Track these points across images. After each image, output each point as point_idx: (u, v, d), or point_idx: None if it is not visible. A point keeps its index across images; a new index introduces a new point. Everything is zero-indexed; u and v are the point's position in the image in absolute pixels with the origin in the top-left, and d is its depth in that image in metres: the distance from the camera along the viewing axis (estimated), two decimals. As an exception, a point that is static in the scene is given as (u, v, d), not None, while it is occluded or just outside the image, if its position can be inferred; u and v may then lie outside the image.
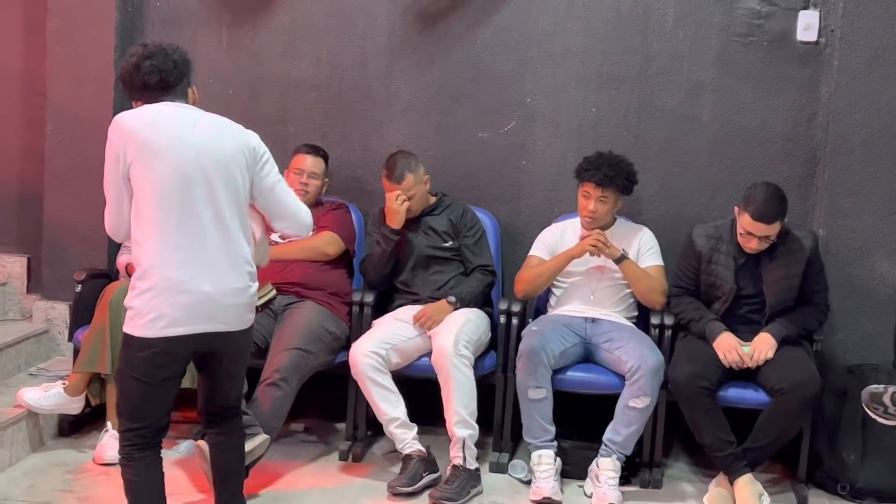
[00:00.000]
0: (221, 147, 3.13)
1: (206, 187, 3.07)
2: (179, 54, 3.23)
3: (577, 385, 4.28)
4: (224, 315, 3.13)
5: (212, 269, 3.08)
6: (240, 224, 3.16)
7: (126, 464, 3.14)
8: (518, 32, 4.88)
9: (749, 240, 4.14)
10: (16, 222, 5.27)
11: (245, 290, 3.18)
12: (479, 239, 4.59)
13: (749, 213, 4.08)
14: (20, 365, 4.81)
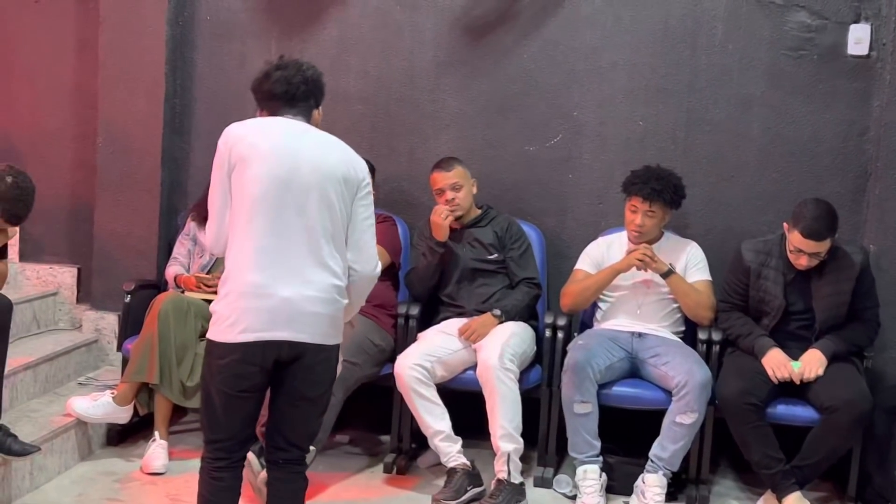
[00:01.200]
0: (325, 162, 3.05)
1: (301, 196, 2.98)
2: (313, 72, 3.20)
3: (624, 400, 4.25)
4: (303, 323, 2.97)
5: (295, 274, 2.95)
6: (333, 242, 3.03)
7: (205, 478, 3.07)
8: (565, 46, 4.88)
9: (799, 257, 4.09)
10: (67, 233, 5.34)
11: (330, 301, 3.01)
12: (525, 252, 4.59)
13: (799, 230, 4.04)
14: (70, 374, 4.86)
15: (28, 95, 5.31)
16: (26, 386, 4.47)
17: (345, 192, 3.07)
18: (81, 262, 5.31)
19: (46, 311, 5.18)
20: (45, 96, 5.30)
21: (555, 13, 4.87)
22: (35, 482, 4.01)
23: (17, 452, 3.80)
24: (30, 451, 3.85)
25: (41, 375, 4.61)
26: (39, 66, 5.29)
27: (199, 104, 5.14)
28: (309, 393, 3.06)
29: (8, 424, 3.84)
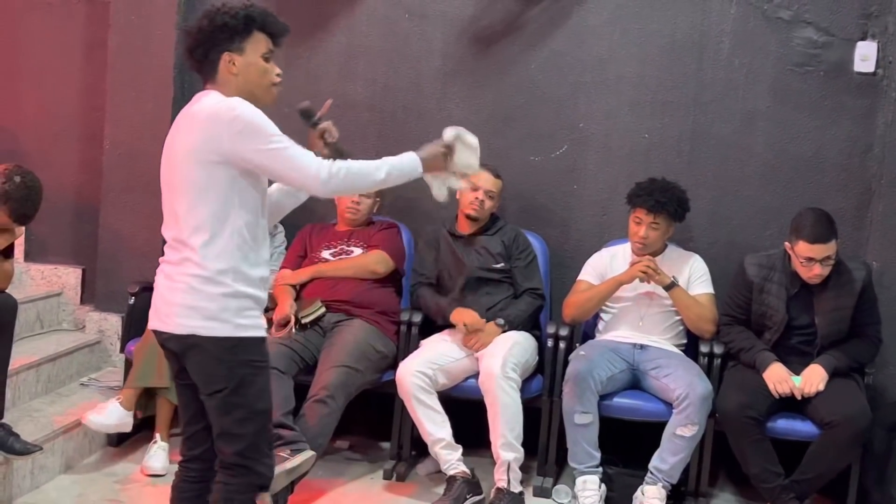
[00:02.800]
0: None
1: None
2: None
3: (624, 411, 4.26)
4: (160, 310, 2.85)
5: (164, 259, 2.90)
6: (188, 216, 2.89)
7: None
8: (572, 57, 4.90)
9: (811, 267, 4.08)
10: (72, 234, 5.34)
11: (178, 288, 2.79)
12: (531, 262, 4.60)
13: (804, 238, 4.05)
14: (72, 374, 4.87)
15: (36, 96, 5.33)
16: (29, 385, 4.48)
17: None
18: (86, 263, 5.31)
19: (50, 311, 5.19)
20: (53, 97, 5.31)
21: (562, 24, 4.89)
22: (36, 482, 4.02)
23: (18, 451, 3.81)
24: (31, 450, 3.86)
25: (44, 375, 4.62)
26: (48, 67, 5.30)
27: (206, 108, 5.13)
28: (201, 389, 2.84)
29: (10, 423, 3.85)
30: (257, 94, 2.85)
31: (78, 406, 4.47)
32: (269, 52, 2.87)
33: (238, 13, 2.83)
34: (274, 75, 2.89)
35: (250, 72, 2.84)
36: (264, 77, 2.86)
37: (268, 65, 2.87)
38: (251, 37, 2.83)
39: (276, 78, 2.89)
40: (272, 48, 2.88)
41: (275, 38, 2.89)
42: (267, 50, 2.86)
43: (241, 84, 2.83)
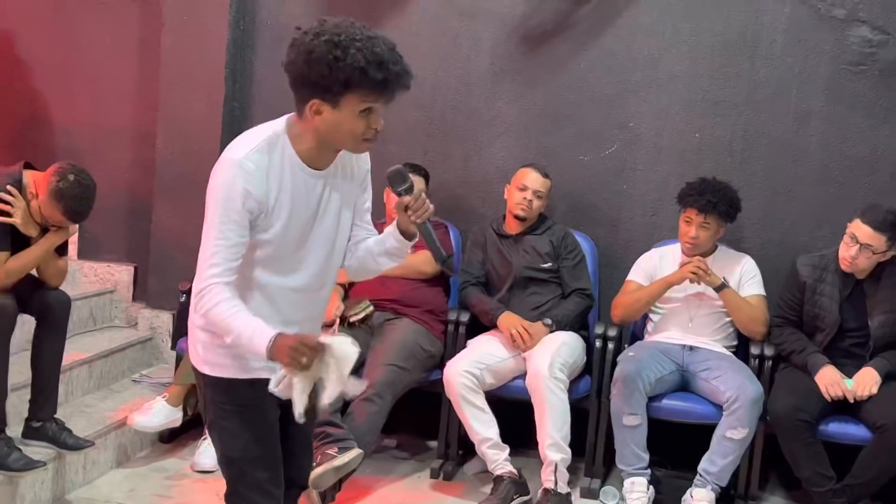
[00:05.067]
0: None
1: None
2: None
3: (673, 413, 4.23)
4: None
5: None
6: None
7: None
8: (623, 56, 4.87)
9: (850, 247, 4.04)
10: (125, 232, 5.41)
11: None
12: (579, 262, 4.58)
13: (859, 216, 4.04)
14: (124, 371, 4.94)
15: (90, 95, 5.39)
16: (81, 381, 4.55)
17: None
18: (138, 261, 5.38)
19: (103, 308, 5.25)
20: (107, 96, 5.37)
21: (612, 23, 4.86)
22: (88, 476, 4.08)
23: (71, 446, 3.87)
24: (83, 445, 3.91)
25: (96, 371, 4.68)
26: (102, 65, 5.37)
27: (256, 107, 5.18)
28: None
29: (63, 419, 3.91)
30: (346, 147, 2.50)
31: (129, 402, 4.54)
32: (370, 108, 2.39)
33: (339, 63, 2.32)
34: (370, 131, 2.42)
35: (336, 128, 2.40)
36: (353, 134, 2.41)
37: (364, 121, 2.40)
38: (352, 93, 2.35)
39: (370, 133, 2.42)
40: (378, 103, 2.39)
41: (387, 95, 2.40)
42: (367, 106, 2.38)
43: (322, 134, 2.43)
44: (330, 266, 2.62)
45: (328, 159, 2.52)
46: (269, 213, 2.44)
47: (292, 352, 2.34)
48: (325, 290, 2.66)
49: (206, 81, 5.09)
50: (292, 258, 2.53)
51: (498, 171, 4.88)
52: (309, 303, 2.61)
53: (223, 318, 2.43)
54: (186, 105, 5.10)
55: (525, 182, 4.55)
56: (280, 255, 2.51)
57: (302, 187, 2.48)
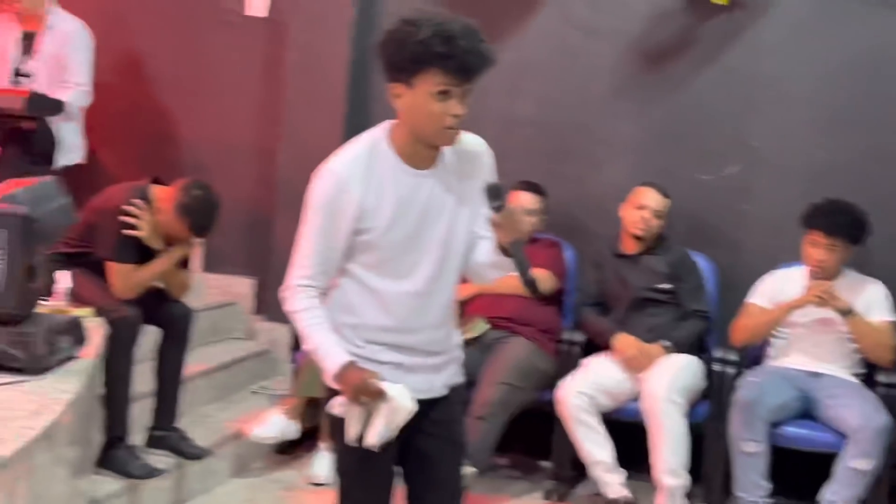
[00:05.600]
0: None
1: None
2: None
3: (795, 441, 4.12)
4: None
5: None
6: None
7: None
8: (746, 74, 4.77)
9: None
10: (247, 246, 5.49)
11: None
12: (698, 284, 4.51)
13: None
14: (243, 382, 5.03)
15: (217, 111, 5.52)
16: (202, 392, 4.64)
17: None
18: (259, 275, 5.45)
19: (224, 320, 5.34)
20: (233, 113, 5.49)
21: (735, 41, 4.77)
22: (206, 485, 4.16)
23: (191, 456, 3.96)
24: (203, 455, 4.00)
25: (216, 382, 4.79)
26: (228, 83, 5.49)
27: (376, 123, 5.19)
28: None
29: (183, 428, 4.00)
30: (430, 138, 2.42)
31: (247, 413, 4.61)
32: (445, 89, 2.33)
33: (409, 39, 2.32)
34: (448, 117, 2.34)
35: (415, 112, 2.38)
36: (432, 120, 2.36)
37: (440, 105, 2.33)
38: (424, 72, 2.33)
39: (449, 120, 2.35)
40: (451, 85, 2.33)
41: (459, 74, 2.33)
42: (441, 87, 2.32)
43: (407, 123, 2.42)
44: (447, 270, 2.53)
45: (428, 156, 2.47)
46: (370, 217, 2.42)
47: (355, 389, 2.39)
48: (444, 295, 2.56)
49: (327, 99, 5.16)
50: (403, 262, 2.48)
51: (615, 189, 4.81)
52: (427, 308, 2.53)
53: (303, 327, 2.48)
54: (308, 122, 5.18)
55: (643, 201, 4.49)
56: (389, 259, 2.47)
57: (404, 188, 2.45)
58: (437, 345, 2.57)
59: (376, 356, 2.48)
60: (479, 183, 2.54)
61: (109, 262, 3.73)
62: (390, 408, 2.38)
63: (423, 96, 2.34)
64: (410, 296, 2.50)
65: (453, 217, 2.50)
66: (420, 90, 2.34)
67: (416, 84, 2.34)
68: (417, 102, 2.36)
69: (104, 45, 5.17)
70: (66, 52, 4.94)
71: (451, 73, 2.32)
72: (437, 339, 2.58)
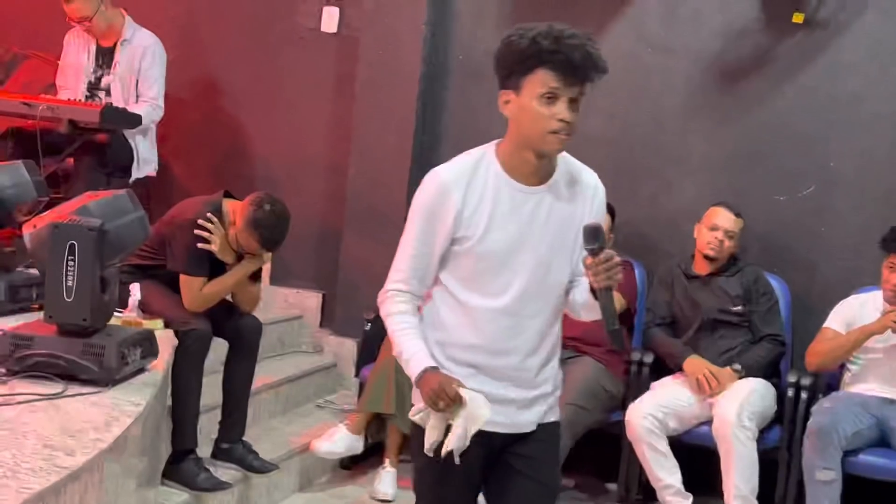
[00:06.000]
0: None
1: None
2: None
3: (871, 469, 4.00)
4: None
5: None
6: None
7: None
8: (824, 93, 4.68)
9: None
10: (315, 259, 5.52)
11: None
12: (772, 306, 4.42)
13: None
14: (309, 395, 5.04)
15: (288, 126, 5.55)
16: (268, 405, 4.66)
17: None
18: (326, 289, 5.47)
19: (291, 333, 5.36)
20: (304, 127, 5.52)
21: (814, 60, 4.68)
22: (272, 499, 4.17)
23: (257, 469, 3.96)
24: (269, 468, 3.99)
25: (282, 396, 4.80)
26: (300, 98, 5.52)
27: (446, 141, 5.22)
28: None
29: (250, 441, 4.01)
30: (535, 144, 2.37)
31: (313, 427, 4.61)
32: (551, 92, 2.31)
33: (519, 41, 2.33)
34: (554, 121, 2.31)
35: (523, 117, 2.35)
36: (537, 124, 2.33)
37: (546, 109, 2.31)
38: (531, 74, 2.32)
39: (555, 124, 2.31)
40: (558, 86, 2.30)
41: (566, 74, 2.31)
42: (547, 89, 2.30)
43: (515, 131, 2.40)
44: (544, 293, 2.46)
45: (535, 172, 2.42)
46: (467, 225, 2.40)
47: (432, 393, 2.35)
48: (540, 320, 2.47)
49: (397, 115, 5.17)
50: (497, 277, 2.43)
51: (687, 209, 4.74)
52: (519, 330, 2.45)
53: (392, 331, 2.48)
54: (378, 138, 5.20)
55: (716, 221, 4.42)
56: (483, 272, 2.43)
57: (507, 202, 2.41)
58: (527, 374, 2.49)
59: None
60: (587, 211, 2.49)
61: (181, 274, 3.76)
62: (468, 414, 2.34)
63: (530, 99, 2.33)
64: (500, 313, 2.44)
65: (557, 242, 2.45)
66: (527, 93, 2.33)
67: (524, 87, 2.33)
68: (524, 106, 2.34)
69: (178, 60, 5.25)
70: (141, 66, 5.00)
71: (558, 71, 2.30)
72: (529, 368, 2.50)
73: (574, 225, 2.44)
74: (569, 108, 2.32)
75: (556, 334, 2.55)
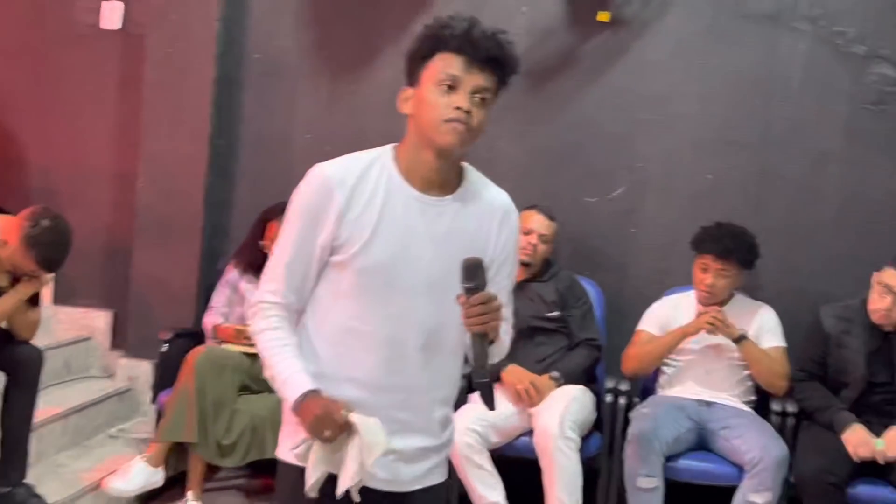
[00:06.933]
0: None
1: None
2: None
3: (692, 475, 3.96)
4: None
5: None
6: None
7: None
8: (631, 93, 4.65)
9: (883, 299, 3.81)
10: (103, 276, 5.13)
11: None
12: (587, 311, 4.34)
13: (893, 265, 3.81)
14: (100, 425, 4.65)
15: (69, 132, 5.13)
16: (55, 438, 4.27)
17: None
18: (117, 307, 5.10)
19: (78, 357, 4.96)
20: (86, 133, 5.12)
21: (620, 59, 4.65)
22: (61, 544, 3.79)
23: (41, 515, 3.58)
24: (55, 512, 3.62)
25: (70, 427, 4.41)
26: (81, 102, 5.12)
27: (244, 146, 4.94)
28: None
29: (33, 483, 3.63)
30: (430, 137, 2.11)
31: (106, 460, 4.28)
32: (450, 78, 2.08)
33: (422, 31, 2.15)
34: (450, 109, 2.07)
35: (420, 110, 2.12)
36: (432, 113, 2.09)
37: (444, 97, 2.08)
38: (431, 60, 2.11)
39: (450, 112, 2.07)
40: (457, 72, 2.08)
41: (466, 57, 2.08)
42: (445, 75, 2.08)
43: (414, 127, 2.16)
44: (438, 319, 2.14)
45: (436, 176, 2.15)
46: (350, 230, 2.12)
47: (316, 421, 2.04)
48: (432, 351, 2.16)
49: (190, 118, 4.84)
50: (382, 298, 2.13)
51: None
52: (406, 363, 2.15)
53: (264, 349, 2.16)
54: (170, 143, 4.85)
55: (529, 225, 4.31)
56: (365, 291, 2.13)
57: (400, 211, 2.14)
58: (415, 417, 2.19)
59: None
60: (494, 234, 2.22)
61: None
62: (362, 443, 2.02)
63: (427, 88, 2.10)
64: (383, 341, 2.14)
65: (456, 263, 2.07)
66: (425, 81, 2.11)
67: (423, 77, 2.12)
68: (422, 97, 2.11)
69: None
70: None
71: (458, 53, 2.08)
72: (417, 409, 2.20)
73: (476, 248, 2.16)
74: (469, 99, 2.08)
75: (451, 373, 2.26)
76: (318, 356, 2.18)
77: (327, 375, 2.15)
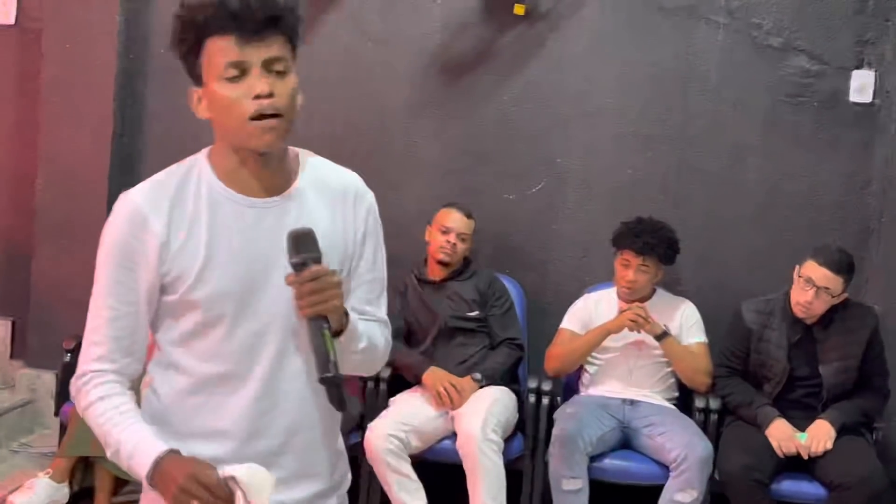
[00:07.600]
0: None
1: None
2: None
3: (616, 475, 3.91)
4: None
5: None
6: None
7: None
8: (549, 88, 4.57)
9: (805, 292, 3.79)
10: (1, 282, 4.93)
11: None
12: (508, 310, 4.26)
13: (813, 257, 3.80)
14: (0, 439, 4.44)
15: (-41, 132, 4.90)
16: (-49, 454, 4.06)
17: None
18: (16, 315, 4.92)
19: (-25, 368, 4.75)
20: (-21, 134, 4.89)
21: (538, 53, 4.57)
22: (-44, 569, 3.58)
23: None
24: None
25: (-33, 442, 4.19)
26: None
27: (150, 143, 4.76)
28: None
29: (-75, 505, 3.42)
30: (242, 142, 1.82)
31: (7, 478, 4.13)
32: (231, 64, 1.77)
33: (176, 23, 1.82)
34: (249, 102, 1.76)
35: (217, 110, 1.81)
36: (231, 113, 1.78)
37: (234, 89, 1.77)
38: (201, 54, 1.79)
39: (251, 106, 1.76)
40: (234, 54, 1.76)
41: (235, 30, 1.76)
42: (224, 62, 1.76)
43: (219, 130, 1.85)
44: (306, 341, 1.83)
45: (262, 175, 1.86)
46: (179, 265, 1.82)
47: (180, 492, 1.71)
48: (304, 379, 1.87)
49: (92, 116, 4.65)
50: (236, 331, 1.84)
51: (417, 211, 4.49)
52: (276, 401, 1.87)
53: (99, 424, 1.83)
54: (70, 142, 4.66)
55: (447, 223, 4.21)
56: (214, 326, 1.84)
57: (231, 223, 1.84)
58: (296, 461, 1.91)
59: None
60: (350, 228, 1.95)
61: None
62: (250, 489, 1.71)
63: (214, 84, 1.78)
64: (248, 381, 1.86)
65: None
66: (209, 79, 1.79)
67: (205, 75, 1.80)
68: (212, 96, 1.79)
69: None
70: None
71: (224, 32, 1.75)
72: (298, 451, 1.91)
73: (335, 241, 1.90)
74: (264, 79, 1.76)
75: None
76: (170, 414, 1.88)
77: (187, 433, 1.86)
